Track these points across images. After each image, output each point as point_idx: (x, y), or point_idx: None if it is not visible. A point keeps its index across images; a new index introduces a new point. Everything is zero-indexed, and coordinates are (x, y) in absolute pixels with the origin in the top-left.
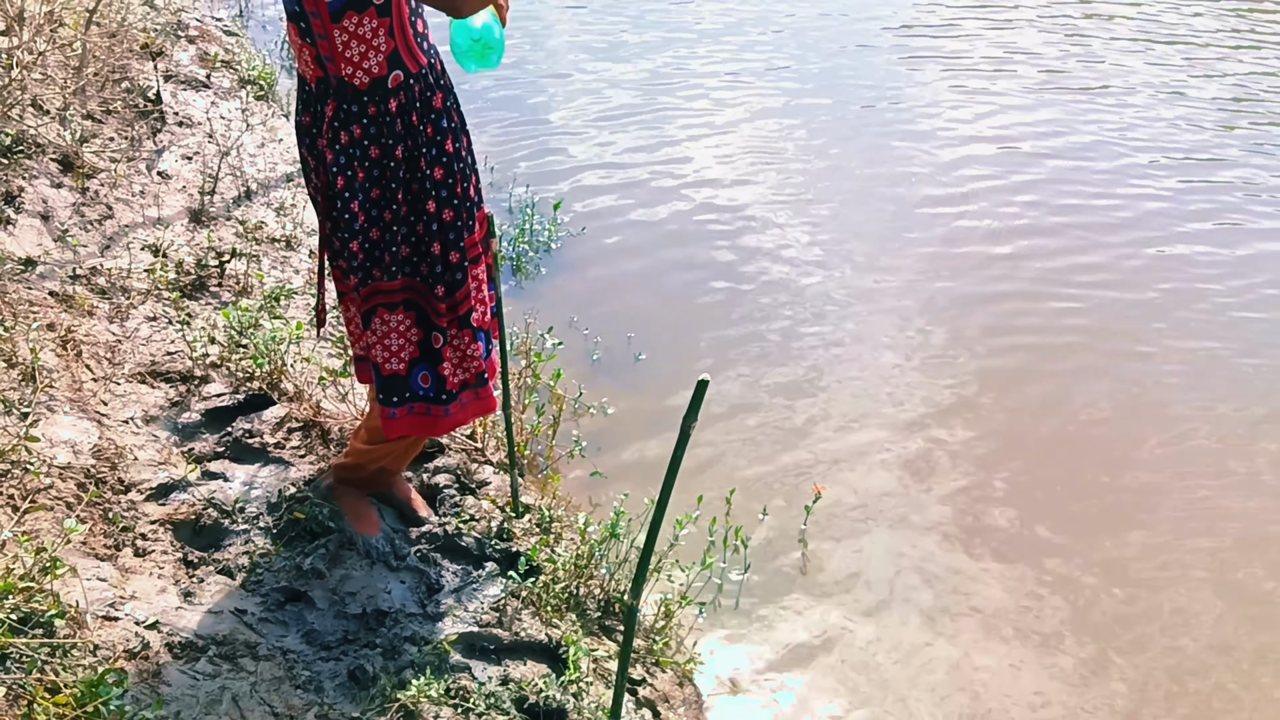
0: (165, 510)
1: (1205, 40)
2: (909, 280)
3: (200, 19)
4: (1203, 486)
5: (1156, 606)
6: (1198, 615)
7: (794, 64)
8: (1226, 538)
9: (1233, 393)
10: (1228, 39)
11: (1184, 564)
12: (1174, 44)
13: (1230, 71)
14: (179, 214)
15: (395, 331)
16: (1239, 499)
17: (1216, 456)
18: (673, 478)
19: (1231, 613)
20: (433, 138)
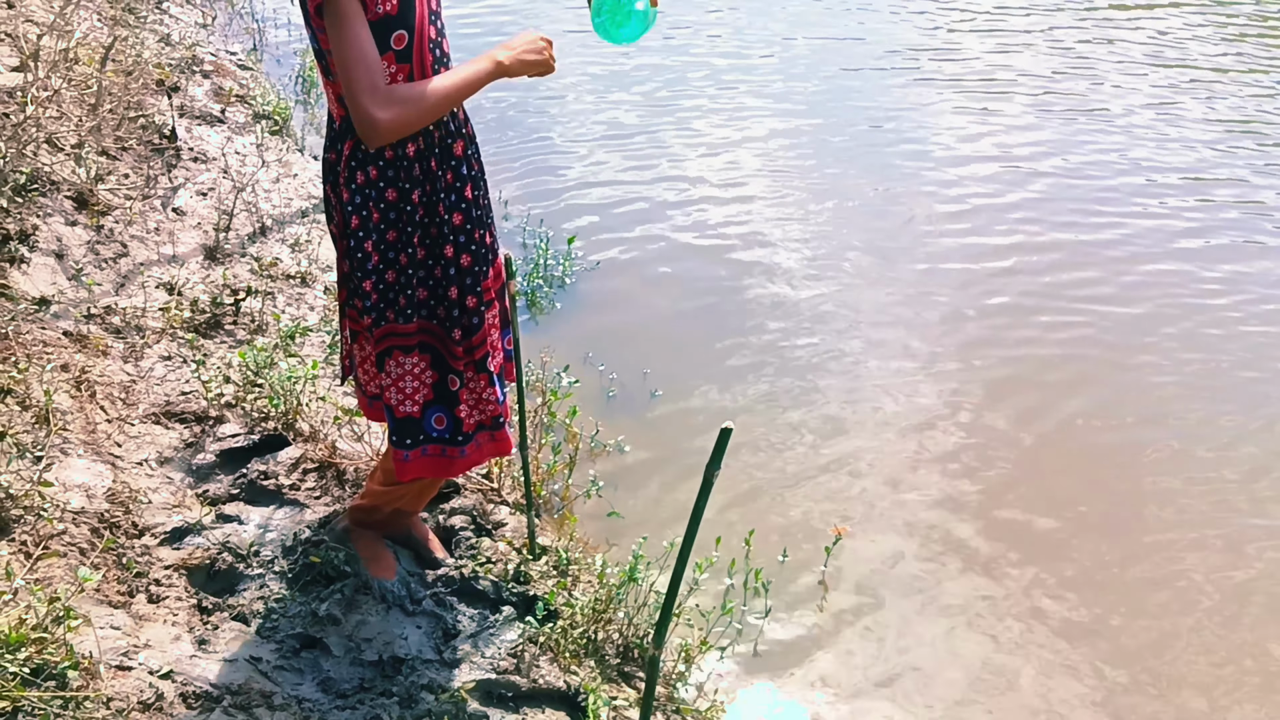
0: (179, 555)
1: (1211, 63)
2: (928, 315)
3: (215, 53)
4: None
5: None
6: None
7: (799, 89)
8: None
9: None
10: (1233, 63)
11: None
12: (1178, 67)
13: (1234, 94)
14: (194, 251)
15: (410, 374)
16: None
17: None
18: (695, 528)
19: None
20: (452, 184)
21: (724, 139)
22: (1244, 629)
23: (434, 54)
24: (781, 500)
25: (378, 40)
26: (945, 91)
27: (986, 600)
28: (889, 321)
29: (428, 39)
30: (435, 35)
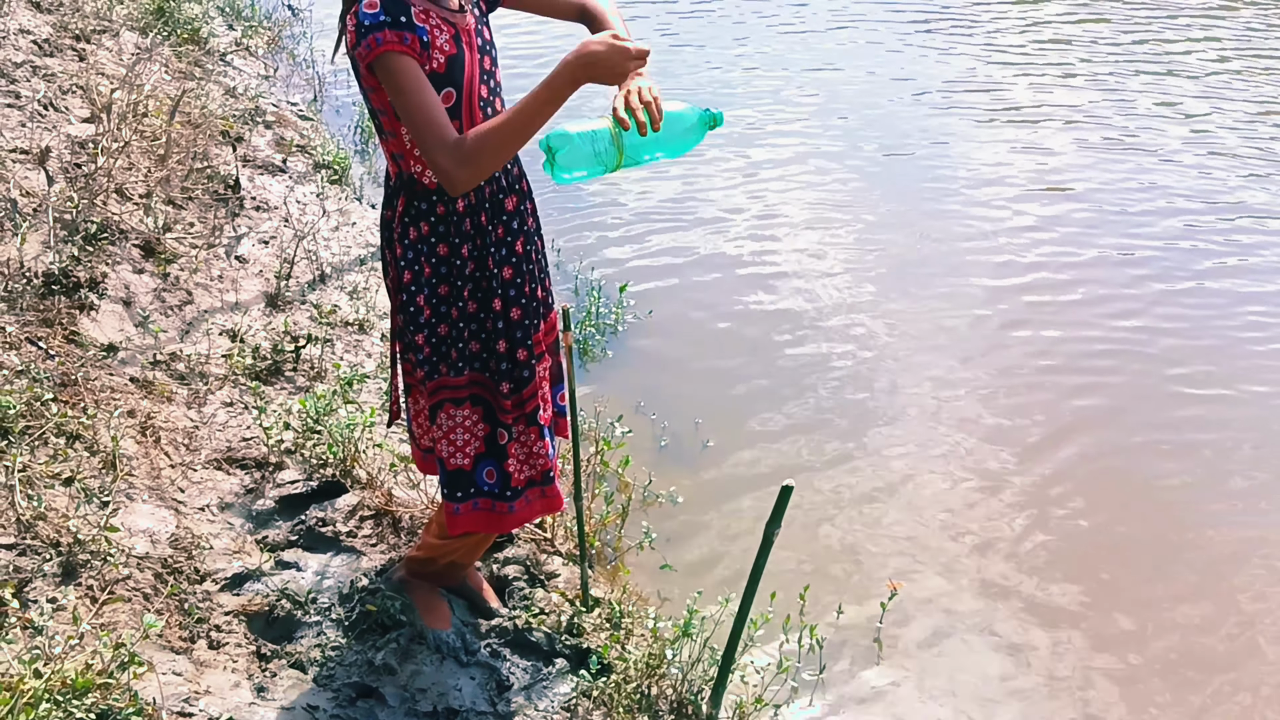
0: (239, 601)
1: (1246, 96)
2: (985, 369)
3: (277, 104)
4: None
5: None
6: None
7: (842, 127)
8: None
9: None
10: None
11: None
12: (1221, 99)
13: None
14: (256, 298)
15: (461, 427)
16: None
17: None
18: (754, 586)
19: None
20: (503, 239)
21: (771, 183)
22: None
23: (485, 113)
24: (837, 553)
25: None
26: (996, 125)
27: (1044, 657)
28: (944, 374)
29: (478, 97)
30: (487, 94)
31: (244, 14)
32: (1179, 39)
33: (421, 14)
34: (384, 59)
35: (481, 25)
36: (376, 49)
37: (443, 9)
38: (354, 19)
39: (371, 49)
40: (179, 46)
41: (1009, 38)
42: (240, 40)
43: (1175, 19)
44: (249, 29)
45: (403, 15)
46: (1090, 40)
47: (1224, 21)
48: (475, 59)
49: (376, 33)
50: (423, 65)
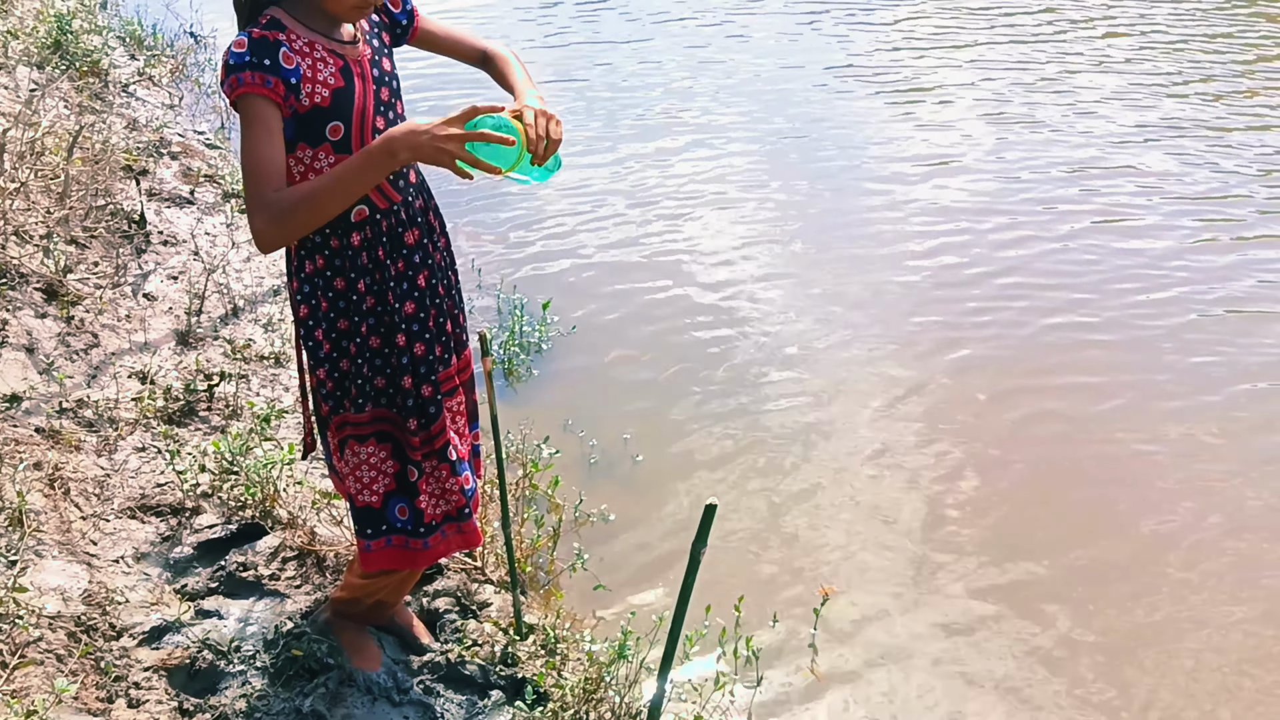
0: (159, 655)
1: (1140, 69)
2: (909, 366)
3: (182, 134)
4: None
5: None
6: None
7: (768, 126)
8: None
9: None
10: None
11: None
12: (1171, 98)
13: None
14: (166, 337)
15: (366, 464)
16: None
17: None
18: (684, 605)
19: None
20: (404, 273)
21: (694, 193)
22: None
23: None
24: (770, 562)
25: (312, 131)
26: (927, 125)
27: (973, 656)
28: (870, 376)
29: (371, 129)
30: (384, 125)
31: (146, 43)
32: (1080, 17)
33: (304, 47)
34: (241, 100)
35: (381, 56)
36: (237, 89)
37: (331, 40)
38: (226, 54)
39: (233, 89)
40: (78, 80)
41: (904, 21)
42: (143, 70)
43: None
44: (151, 58)
45: (268, 58)
46: (987, 20)
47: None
48: (369, 90)
49: (239, 73)
50: (294, 106)
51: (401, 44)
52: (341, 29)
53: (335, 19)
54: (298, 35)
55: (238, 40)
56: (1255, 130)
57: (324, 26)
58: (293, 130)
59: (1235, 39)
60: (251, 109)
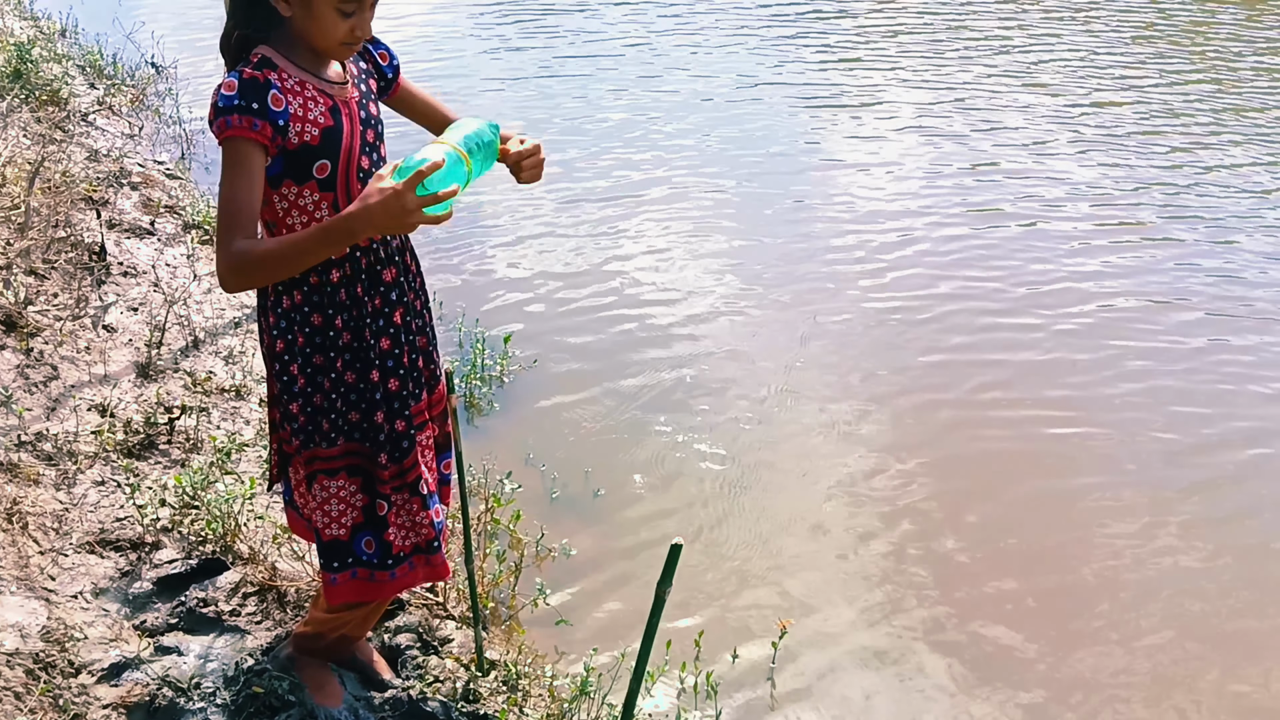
0: (118, 692)
1: (1148, 128)
2: (865, 397)
3: (143, 164)
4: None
5: None
6: None
7: (722, 158)
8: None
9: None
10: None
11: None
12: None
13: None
14: (126, 369)
15: (335, 497)
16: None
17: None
18: (649, 645)
19: None
20: (380, 309)
21: (655, 226)
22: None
23: (364, 183)
24: (729, 595)
25: (299, 169)
26: (876, 149)
27: (935, 682)
28: (827, 407)
29: (357, 169)
30: (369, 166)
31: (106, 72)
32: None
33: (295, 86)
34: (228, 142)
35: (368, 100)
36: (225, 131)
37: (321, 80)
38: (215, 94)
39: (221, 130)
40: (38, 109)
41: (856, 37)
42: (103, 99)
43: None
44: (112, 87)
45: (256, 101)
46: (931, 38)
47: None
48: (357, 130)
49: (228, 115)
50: (282, 145)
51: (384, 98)
52: (330, 69)
53: (324, 58)
54: (289, 74)
55: (228, 82)
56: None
57: (313, 66)
58: (280, 167)
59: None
60: (235, 152)
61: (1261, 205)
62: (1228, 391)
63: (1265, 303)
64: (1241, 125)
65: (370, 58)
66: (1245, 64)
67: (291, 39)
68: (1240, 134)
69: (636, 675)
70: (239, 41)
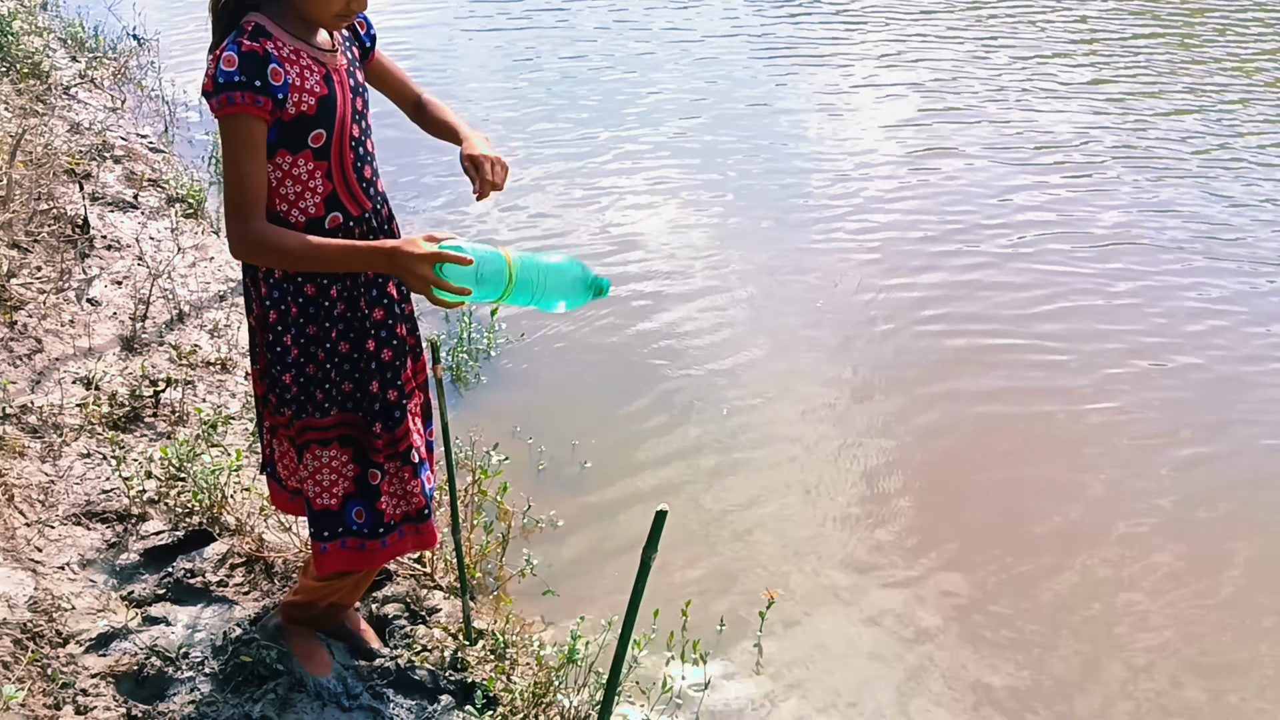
0: (106, 662)
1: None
2: (848, 369)
3: (126, 137)
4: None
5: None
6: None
7: (710, 139)
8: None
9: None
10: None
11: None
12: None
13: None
14: (110, 342)
15: (328, 467)
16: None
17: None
18: (635, 611)
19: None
20: (374, 280)
21: (641, 204)
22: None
23: (356, 151)
24: (716, 565)
25: (294, 138)
26: (871, 136)
27: (921, 655)
28: (814, 382)
29: (349, 137)
30: (359, 134)
31: (88, 45)
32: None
33: (291, 55)
34: (230, 119)
35: (354, 68)
36: (226, 108)
37: (314, 48)
38: (213, 66)
39: (222, 106)
40: (19, 82)
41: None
42: (85, 72)
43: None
44: (93, 61)
45: (258, 79)
46: (919, 17)
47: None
48: (348, 99)
49: (230, 92)
50: (282, 116)
51: (367, 60)
52: (319, 37)
53: (314, 26)
54: (283, 43)
55: (227, 56)
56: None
57: (305, 33)
58: (275, 136)
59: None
60: (241, 129)
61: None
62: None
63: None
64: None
65: (350, 28)
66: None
67: (283, 6)
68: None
69: (623, 641)
70: (232, 7)
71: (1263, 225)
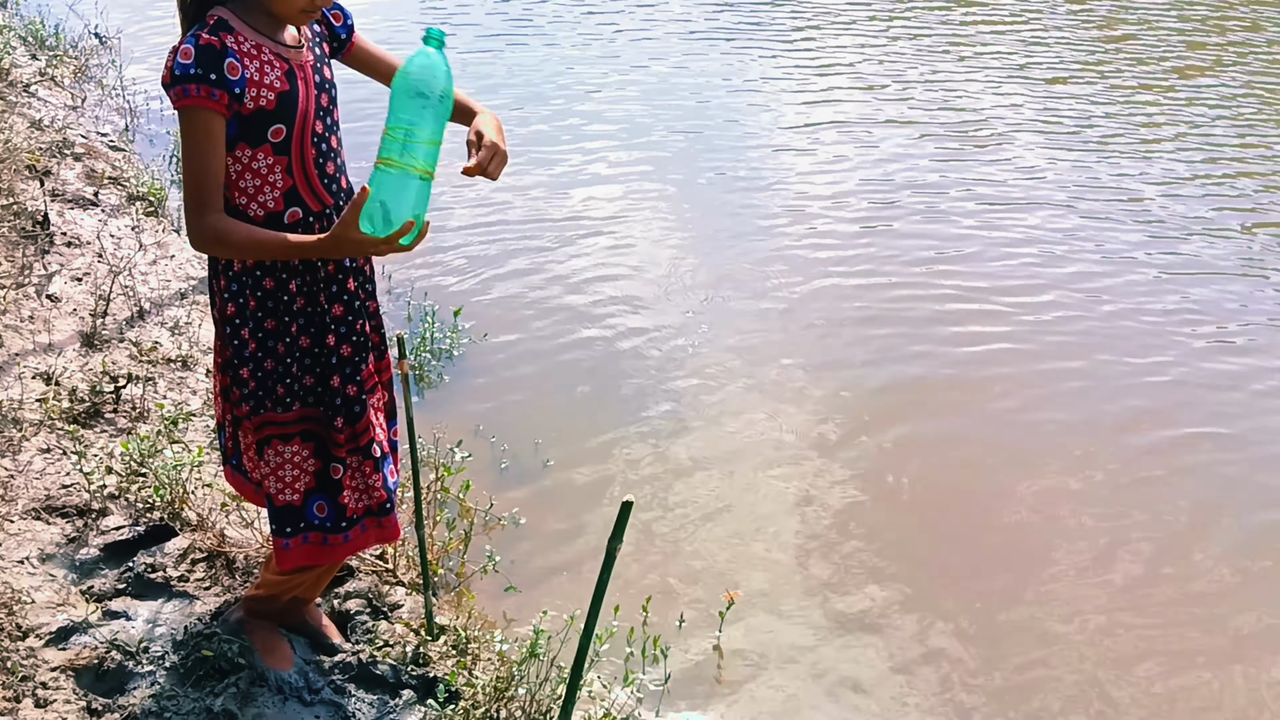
0: (66, 655)
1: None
2: (814, 371)
3: (86, 135)
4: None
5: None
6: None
7: (668, 141)
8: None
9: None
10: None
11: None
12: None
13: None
14: (70, 339)
15: (289, 463)
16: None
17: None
18: (599, 603)
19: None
20: (334, 275)
21: (593, 198)
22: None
23: (318, 148)
24: (677, 564)
25: (254, 132)
26: (819, 130)
27: (880, 653)
28: (776, 383)
29: (311, 133)
30: (322, 130)
31: (48, 43)
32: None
33: (252, 50)
34: (186, 111)
35: (322, 64)
36: (183, 100)
37: (277, 44)
38: (171, 58)
39: (179, 98)
40: None
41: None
42: (45, 70)
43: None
44: (54, 58)
45: (214, 72)
46: (863, 24)
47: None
48: (312, 95)
49: (185, 84)
50: (240, 110)
51: (337, 57)
52: (286, 33)
53: (281, 22)
54: (245, 37)
55: (184, 49)
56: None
57: (270, 29)
58: (235, 130)
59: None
60: (197, 121)
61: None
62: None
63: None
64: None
65: (324, 19)
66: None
67: (249, 1)
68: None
69: (587, 631)
70: (196, 2)
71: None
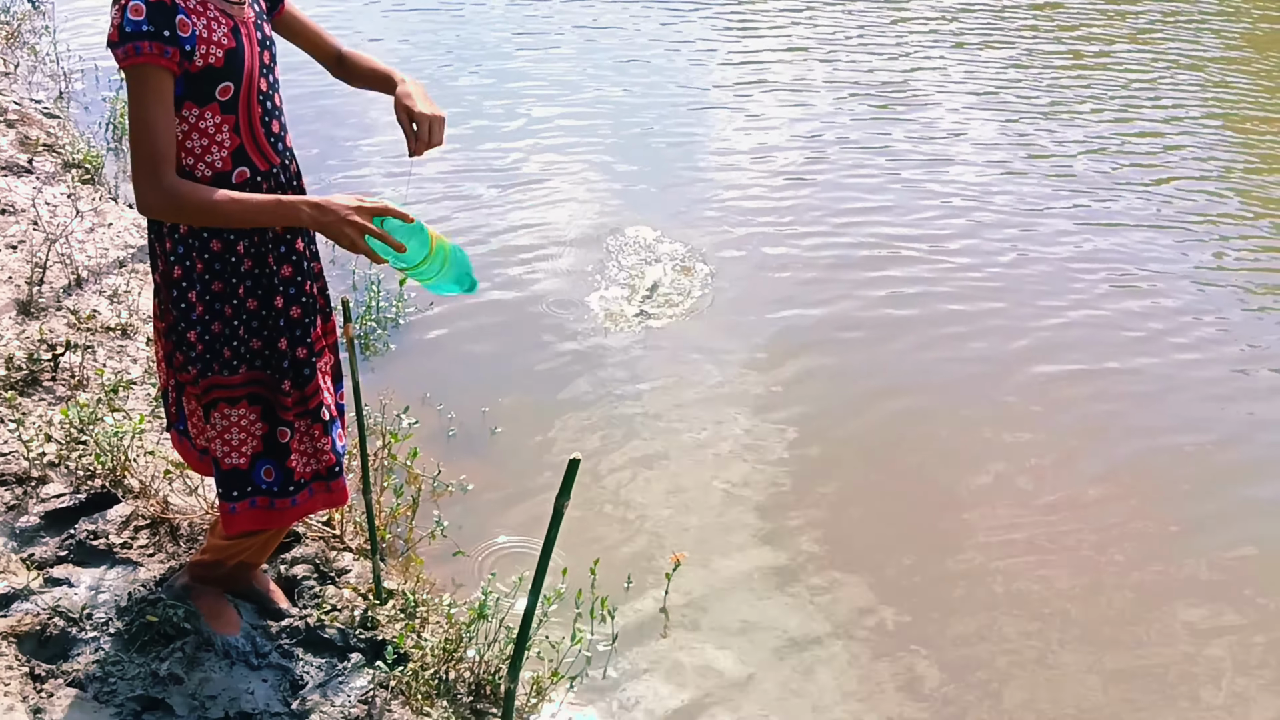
0: (7, 623)
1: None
2: (748, 339)
3: (19, 102)
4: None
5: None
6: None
7: (602, 99)
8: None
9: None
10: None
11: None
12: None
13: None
14: (6, 307)
15: (236, 426)
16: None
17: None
18: (547, 559)
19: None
20: (281, 235)
21: (549, 177)
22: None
23: (264, 105)
24: (624, 527)
25: (202, 91)
26: (760, 120)
27: (821, 613)
28: (719, 351)
29: (257, 90)
30: (266, 88)
31: None
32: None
33: (199, 5)
34: (137, 70)
35: (262, 21)
36: (133, 58)
37: (221, 0)
38: (119, 15)
39: (128, 56)
40: None
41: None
42: None
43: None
44: None
45: (166, 28)
46: (817, 15)
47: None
48: (256, 52)
49: (137, 41)
50: (189, 68)
51: (275, 11)
52: None
53: None
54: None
55: (134, 5)
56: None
57: None
58: (182, 89)
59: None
60: (148, 80)
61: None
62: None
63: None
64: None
65: None
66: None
67: None
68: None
69: (535, 589)
70: None
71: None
